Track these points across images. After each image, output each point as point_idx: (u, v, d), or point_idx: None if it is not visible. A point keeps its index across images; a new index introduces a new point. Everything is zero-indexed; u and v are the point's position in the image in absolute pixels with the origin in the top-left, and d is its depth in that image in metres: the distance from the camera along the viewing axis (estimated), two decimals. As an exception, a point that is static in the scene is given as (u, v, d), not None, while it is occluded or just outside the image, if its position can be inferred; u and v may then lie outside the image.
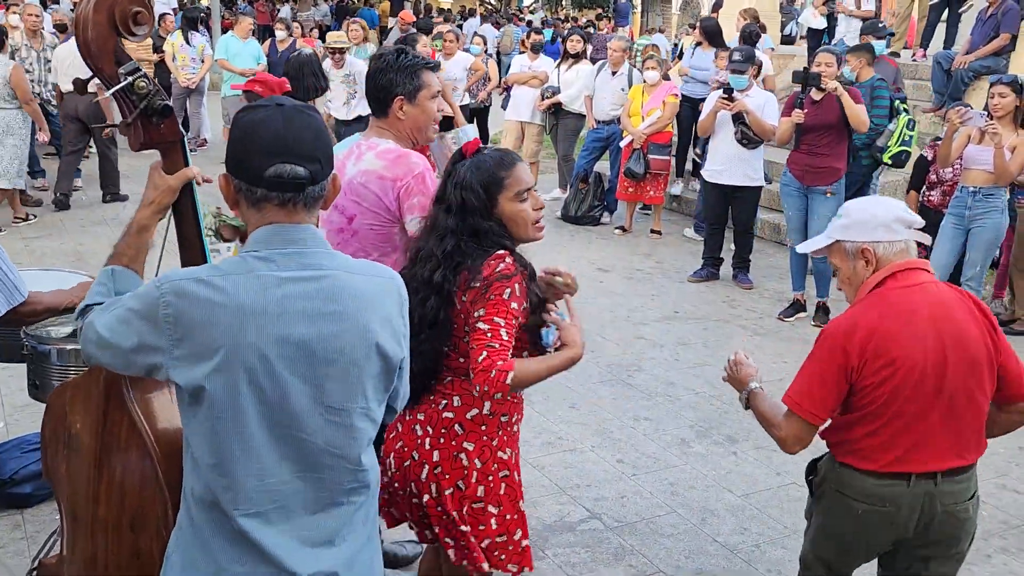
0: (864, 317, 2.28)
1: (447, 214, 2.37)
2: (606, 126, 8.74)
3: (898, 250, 2.31)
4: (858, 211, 2.37)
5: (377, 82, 2.85)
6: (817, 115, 6.02)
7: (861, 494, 2.35)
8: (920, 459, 2.30)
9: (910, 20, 11.23)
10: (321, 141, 1.70)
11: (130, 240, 1.97)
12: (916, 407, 2.28)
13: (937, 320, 2.27)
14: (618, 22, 22.47)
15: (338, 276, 1.71)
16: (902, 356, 2.25)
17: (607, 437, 4.51)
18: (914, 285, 2.29)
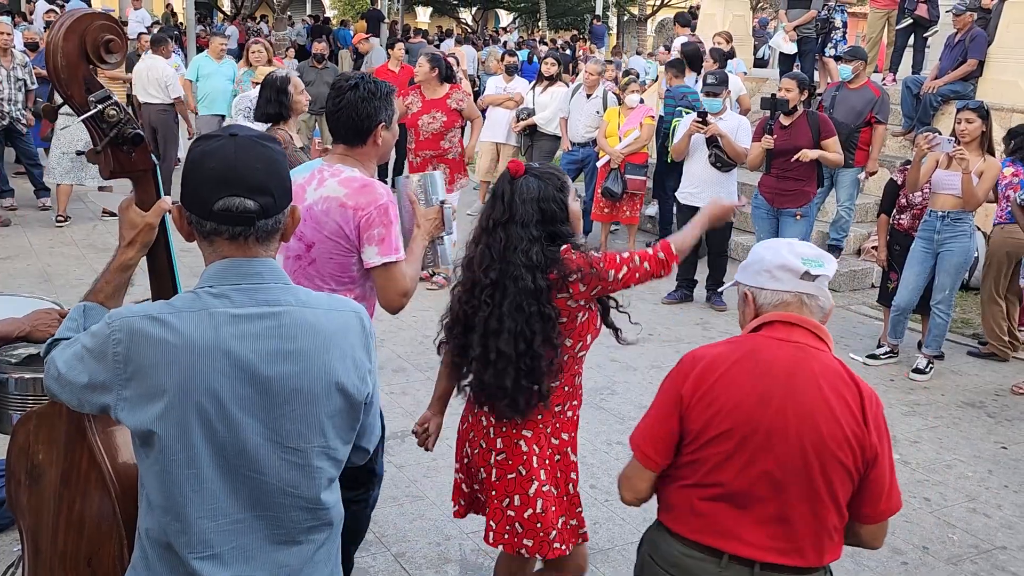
0: (713, 353, 2.06)
1: (523, 227, 2.55)
2: (581, 148, 8.78)
3: (778, 300, 2.06)
4: (755, 252, 2.15)
5: (361, 111, 2.75)
6: (787, 139, 6.12)
7: (666, 559, 2.08)
8: (735, 539, 1.99)
9: (880, 45, 11.40)
10: (274, 173, 1.65)
11: (110, 277, 1.93)
12: (737, 478, 1.97)
13: (795, 386, 1.97)
14: (594, 43, 22.64)
15: (296, 312, 1.67)
16: (727, 410, 1.97)
17: (580, 462, 4.46)
18: (788, 342, 2.02)
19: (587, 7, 29.35)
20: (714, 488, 2.00)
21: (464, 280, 2.68)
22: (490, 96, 9.84)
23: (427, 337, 6.10)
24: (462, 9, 35.61)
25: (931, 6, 10.08)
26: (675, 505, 2.08)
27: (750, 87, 11.25)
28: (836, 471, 1.94)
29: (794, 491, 1.95)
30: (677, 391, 2.03)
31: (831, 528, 1.99)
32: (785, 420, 1.94)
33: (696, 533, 2.03)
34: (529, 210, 2.56)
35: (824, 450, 1.93)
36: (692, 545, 2.03)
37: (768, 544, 1.98)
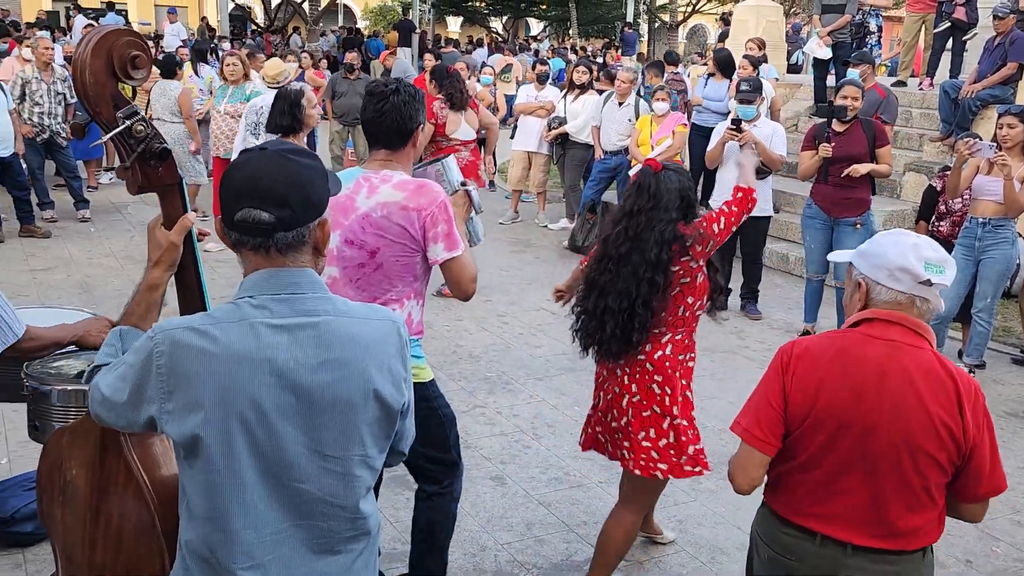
0: (811, 348, 2.17)
1: (665, 211, 3.12)
2: (613, 156, 8.75)
3: (892, 299, 2.12)
4: (879, 243, 2.18)
5: (404, 113, 2.85)
6: (842, 146, 5.98)
7: (771, 538, 2.25)
8: (831, 522, 2.12)
9: (916, 49, 11.26)
10: (296, 186, 1.66)
11: (140, 299, 1.97)
12: (833, 464, 2.10)
13: (888, 383, 2.06)
14: (625, 51, 22.58)
15: (334, 322, 1.69)
16: (825, 402, 2.09)
17: (615, 473, 4.43)
18: (885, 340, 2.10)
19: (618, 15, 29.30)
20: (811, 473, 2.13)
21: (597, 253, 3.24)
22: (522, 105, 9.85)
23: (460, 347, 6.11)
24: (493, 18, 35.72)
25: (969, 9, 9.92)
26: (777, 487, 2.23)
27: (784, 93, 11.17)
28: (927, 464, 2.05)
29: (886, 482, 2.07)
30: (780, 380, 2.16)
31: (924, 516, 2.10)
32: (878, 416, 2.05)
33: (794, 514, 2.18)
34: (673, 198, 3.14)
35: (915, 445, 2.04)
36: (791, 525, 2.19)
37: (861, 528, 2.11)
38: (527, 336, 6.40)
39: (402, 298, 2.89)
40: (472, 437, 4.75)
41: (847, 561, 2.12)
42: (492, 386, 5.47)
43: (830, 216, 6.09)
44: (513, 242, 9.17)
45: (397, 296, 2.88)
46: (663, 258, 3.08)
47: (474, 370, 5.72)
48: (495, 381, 5.55)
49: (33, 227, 8.42)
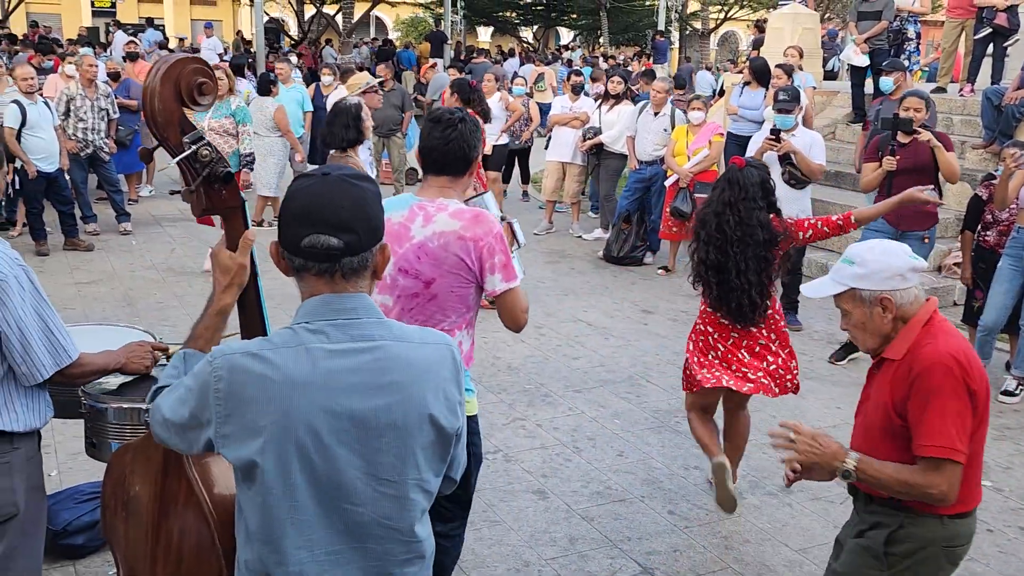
0: (956, 345, 2.32)
1: (753, 201, 3.87)
2: (649, 167, 8.73)
3: (913, 296, 2.40)
4: (874, 261, 2.39)
5: (468, 142, 2.83)
6: (908, 158, 5.87)
7: (966, 537, 2.42)
8: (980, 488, 2.44)
9: (956, 54, 11.10)
10: (361, 211, 1.67)
11: (208, 322, 1.98)
12: (981, 436, 2.35)
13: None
14: (656, 59, 22.54)
15: (390, 347, 1.70)
16: (987, 381, 2.35)
17: (657, 487, 4.42)
18: (946, 321, 2.44)
19: (649, 23, 29.26)
20: (975, 455, 2.35)
21: (708, 239, 3.93)
22: (556, 116, 9.85)
23: (498, 359, 6.11)
24: (523, 28, 35.81)
25: (1011, 15, 9.77)
26: (968, 492, 2.36)
27: (821, 101, 11.07)
28: None
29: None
30: (967, 388, 2.28)
31: None
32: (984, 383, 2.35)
33: (975, 502, 2.41)
34: (757, 189, 3.89)
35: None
36: (971, 514, 2.42)
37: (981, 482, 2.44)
38: (564, 348, 6.39)
39: (454, 329, 2.84)
40: (513, 451, 4.74)
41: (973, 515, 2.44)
42: (531, 398, 5.47)
43: (897, 229, 5.95)
44: (548, 253, 9.17)
45: (449, 327, 2.83)
46: (766, 238, 3.88)
47: (513, 382, 5.72)
48: (534, 393, 5.55)
49: (77, 240, 8.56)
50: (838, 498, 4.32)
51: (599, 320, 7.01)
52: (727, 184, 3.93)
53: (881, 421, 2.40)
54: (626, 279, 8.27)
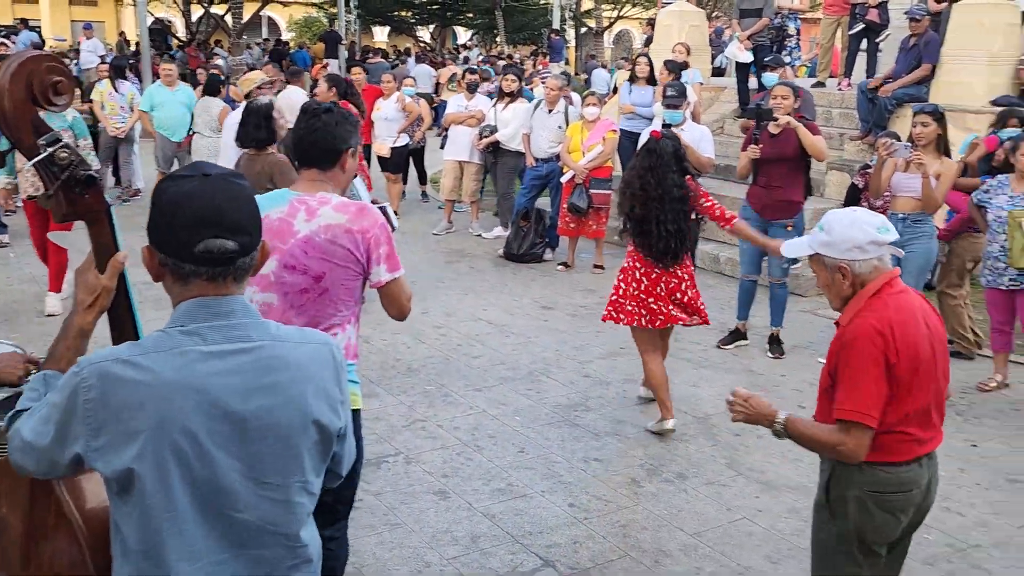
0: (886, 318, 2.51)
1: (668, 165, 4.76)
2: (545, 163, 8.81)
3: (871, 267, 2.57)
4: (839, 231, 2.57)
5: (333, 133, 2.82)
6: (774, 148, 6.08)
7: (894, 486, 2.59)
8: (925, 443, 2.62)
9: (833, 50, 11.58)
10: (251, 211, 1.67)
11: (68, 344, 1.89)
12: (924, 399, 2.56)
13: (927, 319, 2.59)
14: (553, 58, 22.76)
15: (269, 347, 1.67)
16: (916, 351, 2.52)
17: (558, 481, 4.47)
18: (902, 292, 2.59)
19: (544, 21, 29.52)
20: (907, 417, 2.54)
21: (633, 197, 4.80)
22: (452, 115, 9.85)
23: (398, 360, 6.07)
24: (420, 27, 35.64)
25: (882, 11, 10.24)
26: (885, 443, 2.54)
27: (708, 96, 11.37)
28: (948, 364, 2.66)
29: (941, 391, 2.61)
30: (884, 358, 2.47)
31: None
32: (932, 346, 2.56)
33: (908, 454, 2.57)
34: (670, 157, 4.77)
35: (946, 352, 2.64)
36: (906, 464, 2.58)
37: (935, 435, 2.64)
38: (465, 347, 6.39)
39: (344, 322, 2.84)
40: (414, 452, 4.72)
41: (932, 463, 2.65)
42: (432, 399, 5.45)
43: (762, 218, 6.19)
44: (448, 252, 9.16)
45: (340, 320, 2.82)
46: (683, 195, 4.75)
47: (413, 383, 5.69)
48: (435, 394, 5.53)
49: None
50: (731, 481, 4.45)
51: (499, 318, 7.04)
52: (647, 152, 4.82)
53: (823, 382, 2.67)
54: (526, 276, 8.33)
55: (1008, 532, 4.08)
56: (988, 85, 8.69)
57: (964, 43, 8.82)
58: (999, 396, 5.71)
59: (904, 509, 2.62)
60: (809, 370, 6.09)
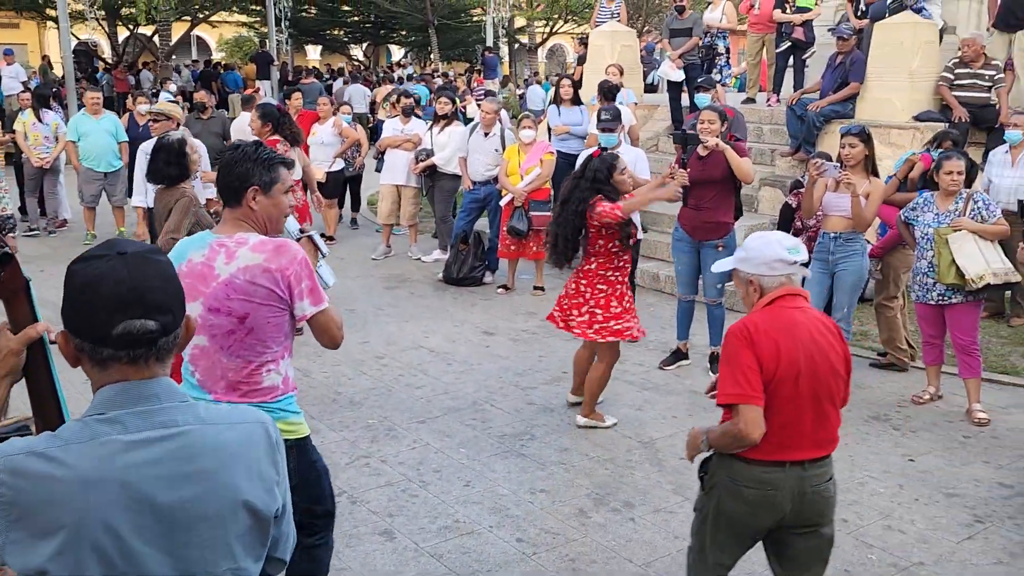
0: (759, 322, 2.83)
1: (585, 180, 5.18)
2: (483, 187, 8.79)
3: (778, 283, 2.89)
4: (753, 249, 2.94)
5: (233, 171, 2.90)
6: (703, 171, 6.16)
7: (749, 480, 2.85)
8: (793, 450, 2.83)
9: (762, 64, 11.81)
10: (172, 288, 1.60)
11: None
12: (793, 405, 2.78)
13: (811, 335, 2.84)
14: (487, 75, 22.81)
15: (196, 431, 1.59)
16: (785, 359, 2.77)
17: (505, 515, 4.43)
18: (795, 308, 2.88)
19: (478, 39, 29.59)
20: (777, 418, 2.76)
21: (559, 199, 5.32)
22: (388, 139, 9.78)
23: (339, 394, 5.97)
24: (353, 46, 35.44)
25: (807, 29, 10.50)
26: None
27: (642, 114, 11.49)
28: (839, 382, 2.89)
29: (824, 404, 2.83)
30: (750, 350, 2.76)
31: (835, 425, 2.92)
32: (812, 359, 2.80)
33: (767, 454, 2.81)
34: (590, 173, 5.18)
35: (835, 371, 2.86)
36: (766, 463, 2.82)
37: (812, 446, 2.85)
38: (407, 377, 6.32)
39: (277, 358, 2.91)
40: (358, 491, 4.63)
41: (806, 473, 2.85)
42: (375, 434, 5.36)
43: (693, 239, 6.26)
44: (387, 278, 9.07)
45: (272, 357, 2.89)
46: (581, 209, 5.14)
47: (355, 418, 5.60)
48: (378, 428, 5.45)
49: None
50: (678, 508, 4.46)
51: (441, 345, 6.98)
52: (582, 164, 5.37)
53: None
54: (467, 300, 8.29)
55: (949, 547, 4.17)
56: (910, 101, 8.94)
57: (885, 61, 9.07)
58: (933, 408, 5.84)
59: (762, 506, 2.86)
60: (750, 388, 6.17)
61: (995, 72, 8.66)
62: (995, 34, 9.50)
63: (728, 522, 2.93)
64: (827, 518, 2.97)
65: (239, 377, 2.86)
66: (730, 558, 3.02)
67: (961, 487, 4.76)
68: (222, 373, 2.86)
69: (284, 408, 2.94)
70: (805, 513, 2.88)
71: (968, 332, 5.63)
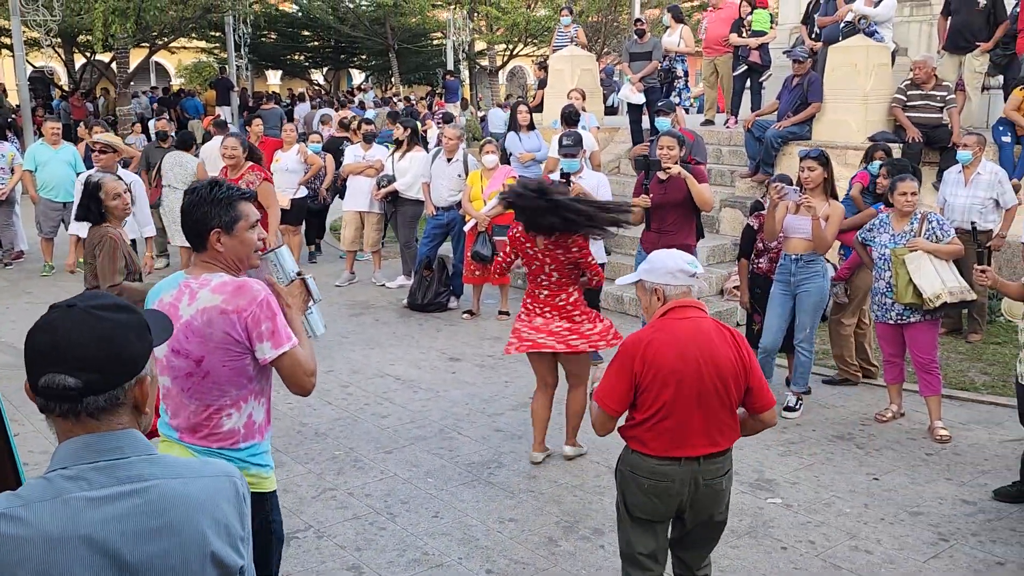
0: (649, 335, 3.14)
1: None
2: (446, 212, 8.79)
3: (680, 292, 3.20)
4: (658, 261, 3.26)
5: (192, 216, 2.84)
6: (664, 195, 6.24)
7: (645, 472, 3.17)
8: (686, 447, 3.13)
9: (717, 88, 11.98)
10: (105, 347, 1.55)
11: None
12: (680, 407, 3.08)
13: (699, 343, 3.11)
14: (448, 98, 22.88)
15: (162, 485, 1.57)
16: (668, 370, 3.08)
17: (474, 546, 4.39)
18: (686, 318, 3.16)
19: (438, 62, 29.68)
20: (667, 420, 3.11)
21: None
22: (350, 165, 9.75)
23: (304, 425, 5.90)
24: (313, 70, 35.34)
25: (763, 52, 10.68)
26: (642, 436, 3.16)
27: (603, 137, 11.59)
28: (730, 387, 3.14)
29: (712, 405, 3.12)
30: (632, 365, 3.11)
31: (732, 422, 3.21)
32: (698, 366, 3.09)
33: (661, 451, 3.13)
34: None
35: (723, 376, 3.12)
36: (660, 458, 3.14)
37: (704, 443, 3.14)
38: (373, 406, 6.26)
39: (238, 401, 2.82)
40: (324, 525, 4.57)
41: (701, 468, 3.15)
42: (341, 465, 5.30)
43: None
44: (351, 305, 9.01)
45: (232, 401, 2.82)
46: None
47: (321, 449, 5.53)
48: (344, 459, 5.39)
49: None
50: (647, 534, 4.45)
51: (407, 373, 6.94)
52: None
53: None
54: (432, 326, 8.25)
55: (915, 566, 4.20)
56: (864, 122, 9.11)
57: (840, 83, 9.25)
58: (896, 426, 5.92)
59: (659, 495, 3.16)
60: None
61: (946, 93, 8.86)
62: (945, 56, 9.74)
63: (633, 511, 3.23)
64: (719, 509, 3.26)
65: (198, 419, 2.81)
66: (646, 548, 3.26)
67: (925, 505, 4.81)
68: (185, 415, 2.82)
69: (246, 459, 2.84)
70: (700, 503, 3.19)
71: (927, 350, 5.71)
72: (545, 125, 10.92)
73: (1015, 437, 5.53)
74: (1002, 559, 4.26)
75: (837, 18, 10.13)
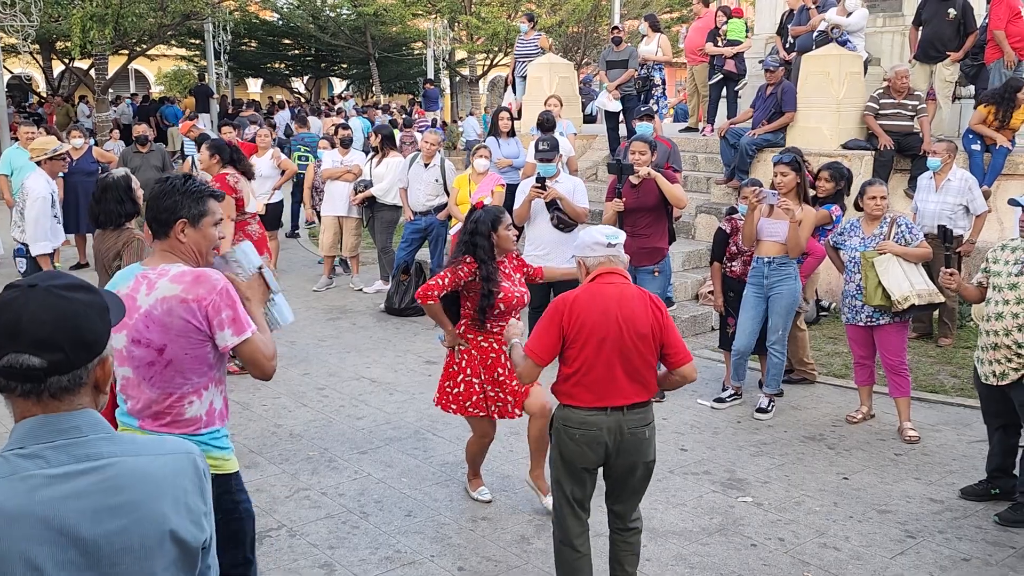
0: (576, 296, 3.50)
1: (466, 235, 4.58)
2: (424, 217, 8.82)
3: (599, 261, 3.57)
4: (580, 237, 3.66)
5: (161, 204, 2.91)
6: (637, 199, 6.31)
7: (576, 423, 3.52)
8: (611, 397, 3.48)
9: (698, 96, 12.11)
10: (67, 326, 1.55)
11: None
12: (602, 362, 3.44)
13: (620, 306, 3.46)
14: (428, 107, 22.92)
15: (121, 463, 1.58)
16: (591, 326, 3.44)
17: (447, 544, 4.41)
18: (611, 283, 3.53)
19: (419, 71, 29.74)
20: (591, 373, 3.47)
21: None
22: (328, 170, 9.76)
23: (279, 427, 5.89)
24: (294, 79, 35.32)
25: (738, 61, 10.81)
26: (571, 391, 3.53)
27: (581, 144, 11.67)
28: (647, 344, 3.50)
29: (633, 361, 3.48)
30: (560, 320, 3.48)
31: (651, 377, 3.56)
32: (619, 324, 3.45)
33: (589, 402, 3.49)
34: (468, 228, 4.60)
35: (641, 336, 3.48)
36: (588, 409, 3.50)
37: (628, 393, 3.50)
38: (348, 408, 6.27)
39: (199, 389, 2.89)
40: (297, 524, 4.57)
41: (625, 417, 3.50)
42: (315, 466, 5.30)
43: (631, 265, 6.36)
44: (328, 309, 9.01)
45: (194, 388, 2.88)
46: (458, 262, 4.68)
47: (296, 450, 5.53)
48: (318, 460, 5.39)
49: None
50: (619, 532, 4.48)
51: (383, 376, 6.95)
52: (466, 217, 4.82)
53: None
54: (409, 331, 8.27)
55: (882, 563, 4.26)
56: (837, 130, 9.23)
57: (813, 92, 9.37)
58: (866, 427, 5.99)
59: (590, 444, 3.49)
60: (690, 412, 6.25)
61: (917, 102, 8.99)
62: (916, 66, 9.89)
63: (565, 459, 3.56)
64: (644, 458, 3.58)
65: (161, 407, 2.85)
66: (579, 492, 3.62)
67: (893, 503, 4.88)
68: (146, 403, 2.86)
69: (208, 442, 2.90)
70: (625, 450, 3.52)
71: (896, 352, 5.79)
72: (523, 132, 10.97)
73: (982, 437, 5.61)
74: (967, 555, 4.33)
75: (810, 27, 10.27)
